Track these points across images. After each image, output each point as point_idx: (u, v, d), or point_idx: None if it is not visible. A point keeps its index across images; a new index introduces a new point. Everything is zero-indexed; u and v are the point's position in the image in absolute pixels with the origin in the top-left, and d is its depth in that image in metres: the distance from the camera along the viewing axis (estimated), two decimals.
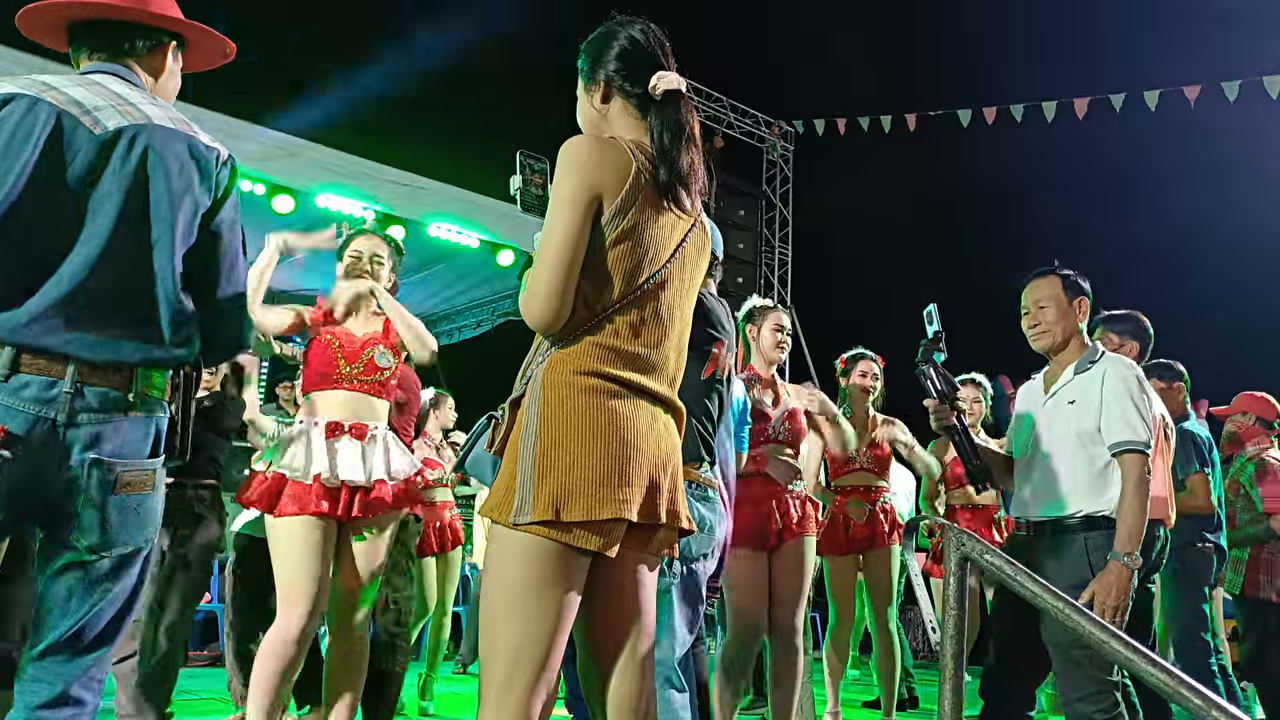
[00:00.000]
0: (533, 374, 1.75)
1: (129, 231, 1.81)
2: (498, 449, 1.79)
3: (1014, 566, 1.95)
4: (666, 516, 1.75)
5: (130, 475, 1.81)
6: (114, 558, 1.81)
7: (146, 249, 1.83)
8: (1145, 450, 2.74)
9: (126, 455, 1.81)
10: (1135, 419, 2.77)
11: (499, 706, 1.64)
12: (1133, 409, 2.78)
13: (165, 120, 1.88)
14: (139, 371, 1.82)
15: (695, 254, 1.88)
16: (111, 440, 1.78)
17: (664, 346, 1.80)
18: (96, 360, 1.76)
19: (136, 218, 1.81)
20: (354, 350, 3.12)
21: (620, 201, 1.73)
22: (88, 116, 1.79)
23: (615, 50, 1.87)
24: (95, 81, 1.87)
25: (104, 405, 1.78)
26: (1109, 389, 2.81)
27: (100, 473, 1.77)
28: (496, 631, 1.67)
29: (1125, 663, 1.68)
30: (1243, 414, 4.84)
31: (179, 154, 1.88)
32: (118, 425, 1.79)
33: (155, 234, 1.84)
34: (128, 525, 1.82)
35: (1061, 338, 2.97)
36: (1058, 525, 2.81)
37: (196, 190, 1.89)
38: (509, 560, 1.67)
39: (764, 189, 12.96)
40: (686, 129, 1.81)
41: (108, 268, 1.78)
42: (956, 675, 1.95)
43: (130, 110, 1.84)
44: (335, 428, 3.02)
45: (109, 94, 1.85)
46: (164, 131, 1.87)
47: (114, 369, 1.79)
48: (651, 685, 1.82)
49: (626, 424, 1.70)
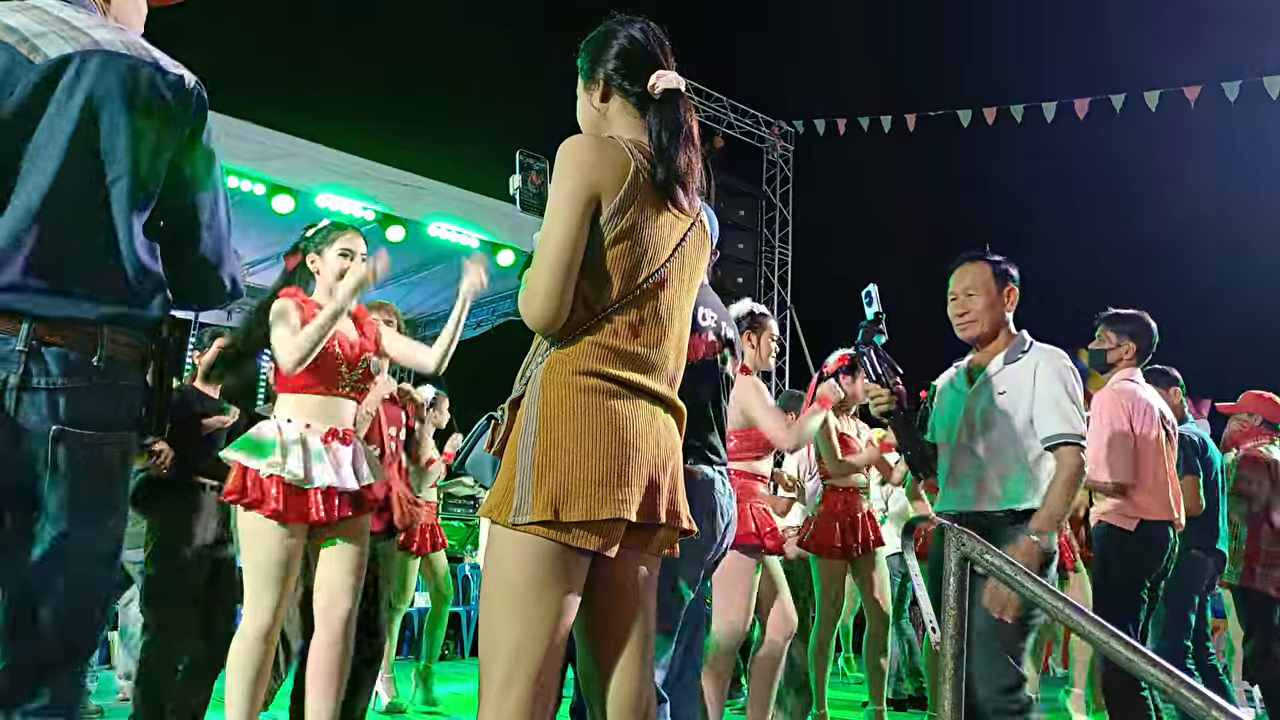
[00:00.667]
0: (532, 374, 1.75)
1: (79, 173, 1.57)
2: (497, 449, 1.79)
3: (1014, 566, 1.95)
4: (666, 516, 1.75)
5: (99, 450, 1.57)
6: (83, 542, 1.57)
7: (101, 191, 1.59)
8: (1080, 443, 2.67)
9: (94, 427, 1.57)
10: (1070, 410, 2.69)
11: (499, 706, 1.64)
12: (1067, 400, 2.70)
13: (118, 45, 1.62)
14: (106, 331, 1.59)
15: (695, 253, 1.88)
16: (75, 409, 1.55)
17: (664, 346, 1.80)
18: (53, 316, 1.53)
19: (87, 157, 1.58)
20: (353, 357, 3.10)
21: (619, 201, 1.73)
22: (24, 44, 1.56)
23: (615, 49, 1.87)
24: (36, 5, 1.63)
25: (66, 369, 1.54)
26: (1041, 381, 2.73)
27: (64, 446, 1.53)
28: (496, 631, 1.67)
29: (1125, 663, 1.68)
30: (1249, 414, 4.87)
31: (136, 82, 1.62)
32: (82, 391, 1.55)
33: (111, 174, 1.60)
34: (97, 506, 1.58)
35: (989, 327, 2.87)
36: (985, 519, 2.68)
37: (158, 123, 1.64)
38: (508, 560, 1.67)
39: (764, 189, 12.96)
40: (685, 128, 1.81)
41: (56, 214, 1.55)
42: (956, 675, 1.95)
43: (77, 35, 1.60)
44: (331, 434, 3.02)
45: (52, 19, 1.61)
46: (117, 58, 1.61)
47: (74, 327, 1.56)
48: (652, 686, 1.82)
49: (626, 424, 1.70)
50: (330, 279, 3.12)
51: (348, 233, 3.19)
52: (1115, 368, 3.81)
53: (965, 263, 2.92)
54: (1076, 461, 2.66)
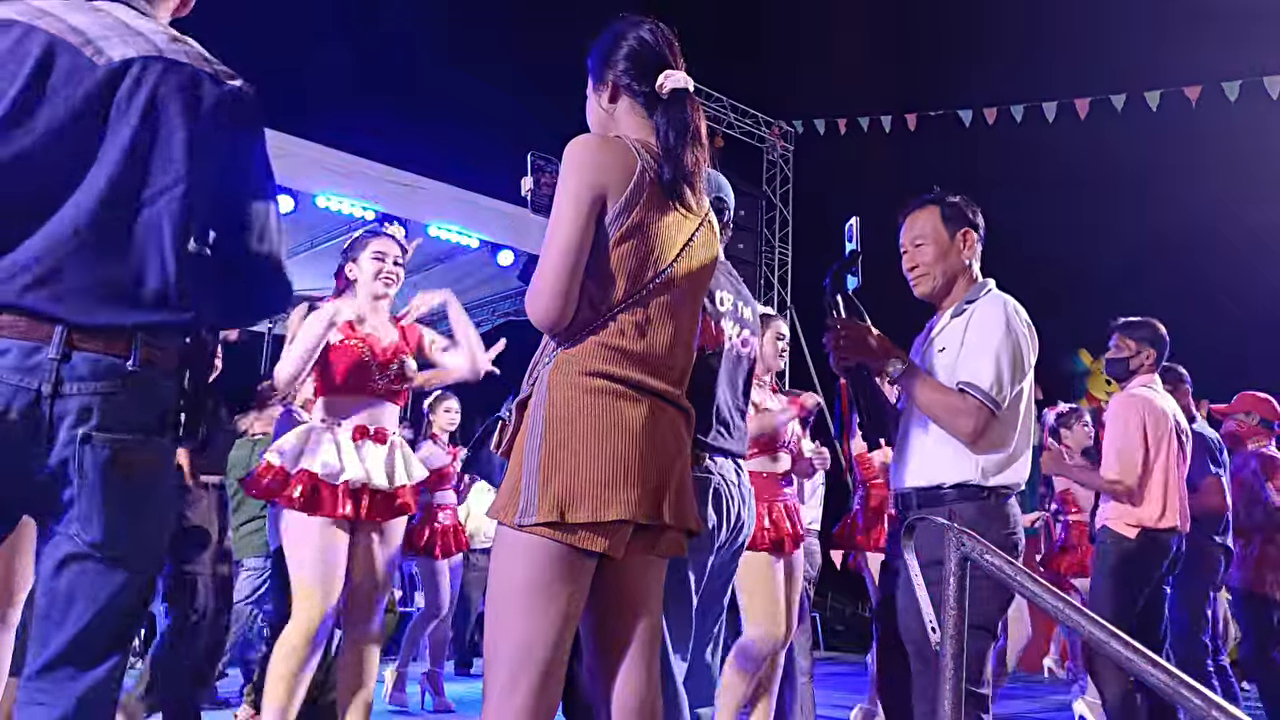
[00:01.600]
0: (539, 375, 1.75)
1: (135, 176, 1.57)
2: (504, 450, 1.80)
3: (1014, 566, 1.94)
4: (673, 518, 1.75)
5: (133, 454, 1.55)
6: (120, 552, 1.54)
7: (154, 197, 1.59)
8: (986, 403, 2.30)
9: (126, 431, 1.55)
10: (985, 365, 2.32)
11: (502, 707, 1.64)
12: (988, 354, 2.32)
13: (179, 53, 1.63)
14: (140, 336, 1.57)
15: (703, 252, 1.88)
16: (108, 414, 1.53)
17: (671, 345, 1.80)
18: (88, 323, 1.53)
19: (144, 161, 1.58)
20: (386, 359, 3.14)
21: (624, 200, 1.73)
22: (89, 46, 1.55)
23: (624, 50, 1.87)
24: (99, 8, 1.63)
25: (98, 373, 1.53)
26: (971, 330, 2.38)
27: (95, 451, 1.51)
28: (501, 632, 1.67)
29: (1125, 663, 1.68)
30: (1245, 414, 4.86)
31: (195, 90, 1.62)
32: (115, 397, 1.54)
33: (165, 180, 1.59)
34: (133, 513, 1.56)
35: (943, 280, 2.50)
36: (926, 496, 2.40)
37: (214, 131, 1.64)
38: (514, 561, 1.68)
39: (764, 189, 12.97)
40: (692, 127, 1.82)
41: (107, 217, 1.55)
42: (956, 675, 1.95)
43: (139, 40, 1.60)
44: (361, 432, 3.06)
45: (114, 21, 1.61)
46: (178, 65, 1.62)
47: (111, 332, 1.55)
48: (658, 686, 1.82)
49: (633, 425, 1.70)
50: (368, 283, 3.20)
51: (381, 238, 3.27)
52: (1136, 374, 3.81)
53: (913, 209, 2.57)
54: (975, 422, 2.29)
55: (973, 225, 2.54)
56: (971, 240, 2.52)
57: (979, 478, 2.33)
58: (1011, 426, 2.37)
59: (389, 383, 3.13)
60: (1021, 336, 2.37)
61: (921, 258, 2.53)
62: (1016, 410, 2.39)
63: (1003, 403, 2.32)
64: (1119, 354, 3.86)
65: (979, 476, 2.33)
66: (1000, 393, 2.31)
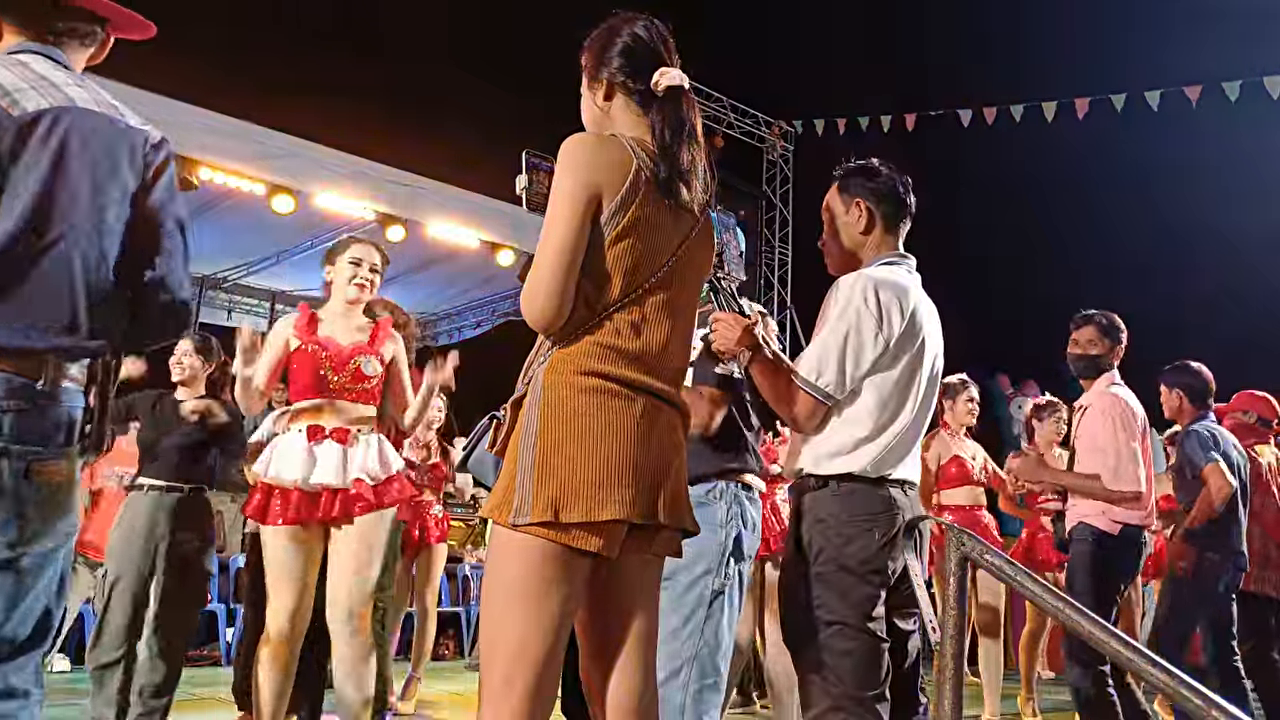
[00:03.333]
0: (534, 374, 1.75)
1: (46, 217, 1.74)
2: (499, 449, 1.79)
3: (1014, 566, 1.94)
4: (668, 518, 1.75)
5: (44, 465, 1.73)
6: (34, 554, 1.72)
7: (65, 235, 1.76)
8: (809, 391, 2.20)
9: (37, 444, 1.72)
10: (811, 351, 2.22)
11: (498, 707, 1.64)
12: (817, 339, 2.23)
13: (90, 103, 1.82)
14: (50, 359, 1.74)
15: (699, 251, 1.87)
16: (20, 429, 1.70)
17: (668, 344, 1.79)
18: (5, 345, 1.69)
19: (55, 203, 1.75)
20: (341, 360, 3.20)
21: (620, 199, 1.72)
22: (6, 98, 1.73)
23: (618, 47, 1.86)
24: (19, 62, 1.80)
25: (11, 393, 1.69)
26: (822, 311, 2.27)
27: (10, 462, 1.68)
28: (496, 632, 1.67)
29: (1125, 663, 1.68)
30: (1244, 412, 4.86)
31: (103, 136, 1.82)
32: (27, 413, 1.71)
33: (74, 219, 1.77)
34: (46, 518, 1.74)
35: (839, 255, 2.39)
36: (796, 487, 2.31)
37: (124, 173, 1.84)
38: (509, 561, 1.67)
39: (764, 189, 12.97)
40: (688, 125, 1.81)
41: (22, 253, 1.71)
42: (956, 675, 1.95)
43: (52, 92, 1.78)
44: (316, 431, 3.12)
45: (32, 75, 1.78)
46: (88, 114, 1.81)
47: (23, 355, 1.71)
48: (654, 685, 1.82)
49: (628, 424, 1.70)
50: (343, 286, 3.31)
51: (361, 244, 3.37)
52: (1104, 371, 3.77)
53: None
54: (806, 411, 2.20)
55: (871, 192, 2.37)
56: (862, 210, 2.36)
57: (812, 466, 2.23)
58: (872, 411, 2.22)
59: (347, 382, 3.19)
60: (866, 316, 2.20)
61: (825, 236, 2.45)
62: (881, 393, 2.24)
63: (829, 388, 2.19)
64: (1091, 350, 3.76)
65: (812, 465, 2.23)
66: (823, 378, 2.19)
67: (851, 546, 2.16)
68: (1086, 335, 3.78)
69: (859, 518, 2.18)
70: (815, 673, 2.15)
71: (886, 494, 2.21)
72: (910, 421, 2.27)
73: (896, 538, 2.20)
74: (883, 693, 2.14)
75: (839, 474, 2.21)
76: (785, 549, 2.34)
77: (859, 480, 2.21)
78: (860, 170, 2.41)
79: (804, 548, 2.22)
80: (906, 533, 2.23)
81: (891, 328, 2.22)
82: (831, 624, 2.14)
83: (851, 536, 2.17)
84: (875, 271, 2.30)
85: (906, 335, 2.24)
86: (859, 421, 2.22)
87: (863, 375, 2.22)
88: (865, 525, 2.18)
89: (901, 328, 2.23)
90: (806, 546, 2.21)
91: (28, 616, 1.73)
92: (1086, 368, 3.81)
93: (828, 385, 2.20)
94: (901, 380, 2.25)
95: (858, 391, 2.23)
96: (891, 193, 2.39)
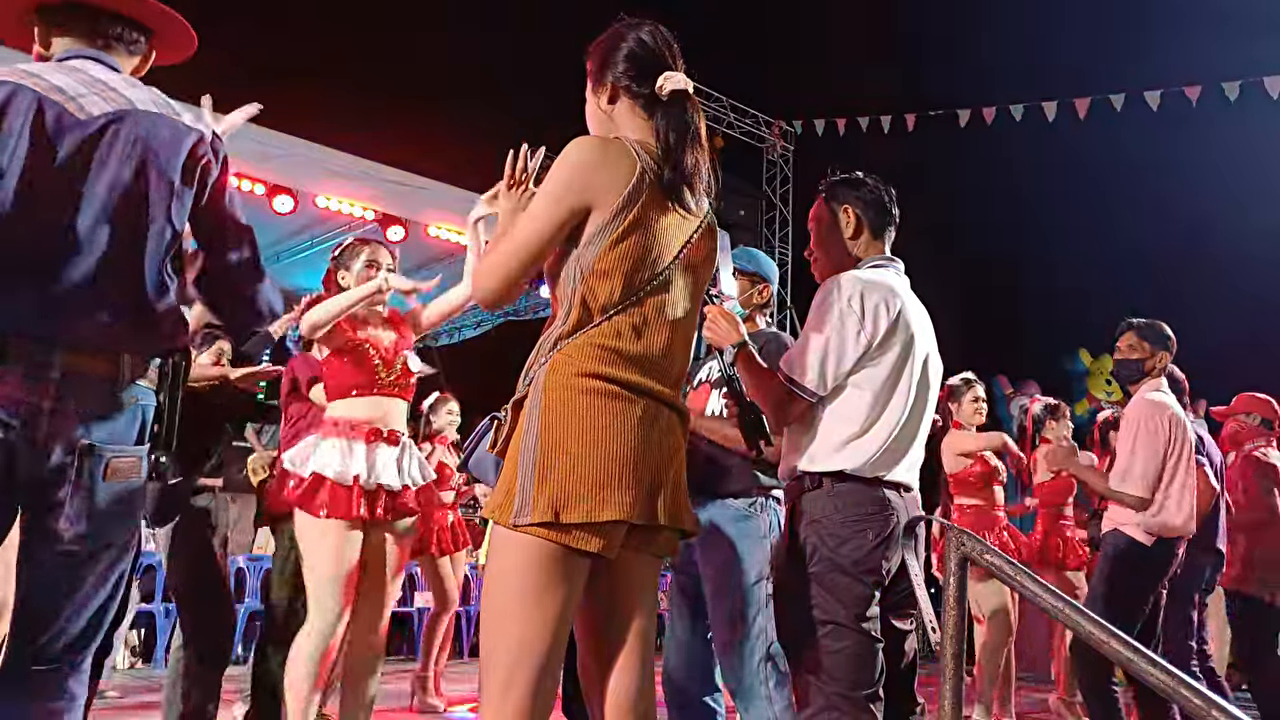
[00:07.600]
0: (535, 375, 1.75)
1: (119, 217, 1.79)
2: (500, 450, 1.80)
3: (1014, 566, 1.95)
4: (668, 519, 1.75)
5: (119, 462, 1.78)
6: (102, 548, 1.76)
7: (137, 234, 1.81)
8: (794, 389, 2.24)
9: (114, 442, 1.77)
10: (795, 350, 2.26)
11: (499, 707, 1.64)
12: (802, 338, 2.25)
13: (149, 104, 1.87)
14: (124, 358, 1.79)
15: (702, 254, 1.88)
16: (99, 426, 1.76)
17: (668, 347, 1.80)
18: (84, 346, 1.75)
19: (126, 203, 1.80)
20: (390, 357, 3.20)
21: (622, 201, 1.73)
22: (71, 103, 1.77)
23: (623, 52, 1.88)
24: (75, 68, 1.85)
25: (91, 391, 1.75)
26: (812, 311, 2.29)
27: (90, 459, 1.73)
28: (497, 632, 1.67)
29: (1125, 663, 1.68)
30: (1245, 414, 4.85)
31: (165, 137, 1.86)
32: (105, 412, 1.77)
33: (145, 219, 1.82)
34: (113, 515, 1.78)
35: (826, 261, 2.42)
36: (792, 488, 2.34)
37: (186, 171, 1.88)
38: (509, 562, 1.68)
39: (764, 189, 12.96)
40: (692, 128, 1.82)
41: (97, 254, 1.76)
42: (956, 675, 1.95)
43: (112, 95, 1.83)
44: (375, 434, 3.09)
45: (89, 79, 1.83)
46: (149, 116, 1.85)
47: (101, 355, 1.77)
48: (652, 686, 1.82)
49: (628, 426, 1.70)
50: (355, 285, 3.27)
51: (374, 245, 3.37)
52: (1147, 377, 3.68)
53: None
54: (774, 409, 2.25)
55: (859, 199, 2.41)
56: (852, 216, 2.40)
57: (807, 464, 2.26)
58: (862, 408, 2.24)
59: (395, 380, 3.19)
60: (849, 315, 2.23)
61: (813, 244, 2.49)
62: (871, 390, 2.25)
63: (810, 384, 2.22)
64: (1132, 355, 3.71)
65: (807, 462, 2.26)
66: (806, 376, 2.22)
67: (846, 546, 2.19)
68: (1127, 341, 3.73)
69: (853, 518, 2.21)
70: (810, 672, 2.18)
71: (881, 495, 2.24)
72: (903, 421, 2.28)
73: (892, 538, 2.22)
74: (876, 692, 2.17)
75: (833, 472, 2.23)
76: (781, 548, 2.37)
77: (854, 480, 2.23)
78: (846, 180, 2.46)
79: (799, 547, 2.24)
80: (905, 533, 2.24)
81: (876, 327, 2.24)
82: (825, 623, 2.17)
83: (845, 537, 2.19)
84: (863, 273, 2.34)
85: (892, 334, 2.27)
86: (850, 419, 2.25)
87: (846, 373, 2.25)
88: (859, 526, 2.20)
89: (887, 326, 2.26)
90: (801, 546, 2.24)
91: (83, 610, 1.75)
92: (1129, 373, 3.75)
93: (809, 382, 2.23)
94: (890, 378, 2.28)
95: (846, 389, 2.26)
96: (877, 201, 2.44)
